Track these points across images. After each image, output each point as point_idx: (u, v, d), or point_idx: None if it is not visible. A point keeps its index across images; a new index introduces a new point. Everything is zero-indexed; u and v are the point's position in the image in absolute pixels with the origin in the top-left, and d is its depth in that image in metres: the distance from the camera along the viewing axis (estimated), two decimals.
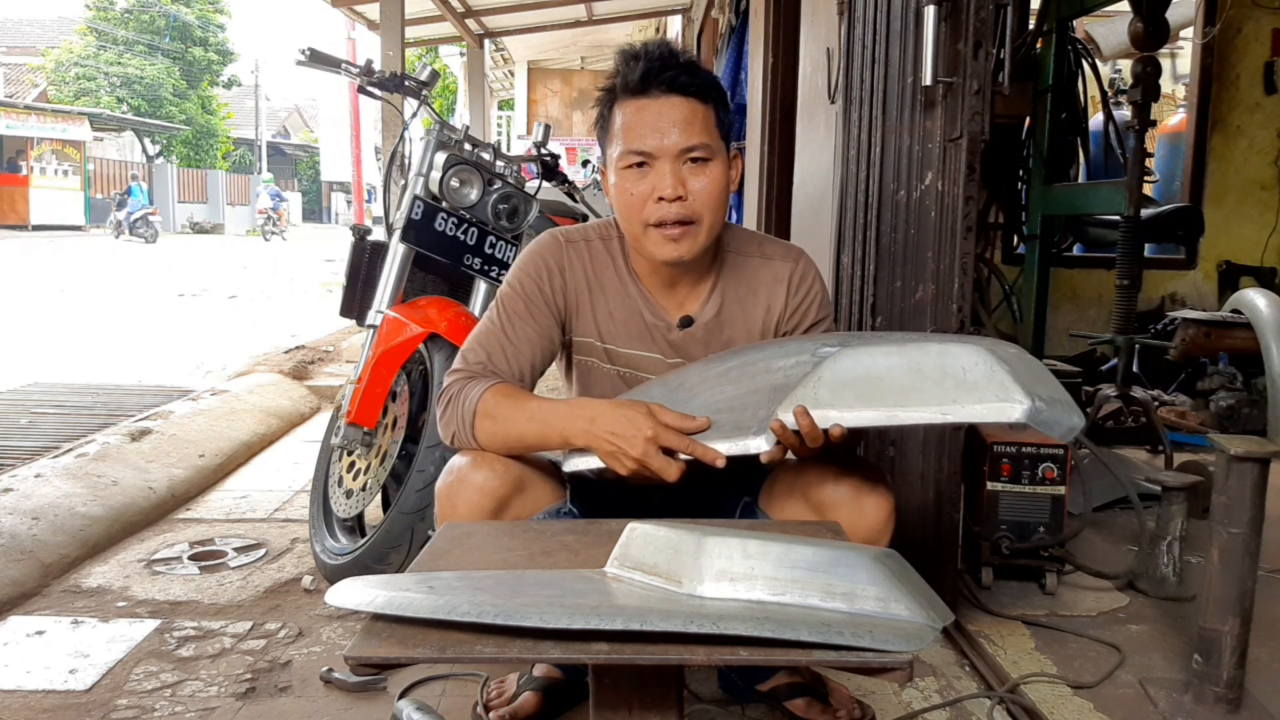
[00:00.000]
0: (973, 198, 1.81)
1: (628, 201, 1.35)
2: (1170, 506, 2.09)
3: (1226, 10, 4.10)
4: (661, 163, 1.32)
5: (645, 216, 1.34)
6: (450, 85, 19.07)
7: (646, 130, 1.32)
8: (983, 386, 1.06)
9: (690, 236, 1.35)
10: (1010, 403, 1.04)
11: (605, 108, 1.39)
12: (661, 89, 1.33)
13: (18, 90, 26.54)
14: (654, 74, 1.32)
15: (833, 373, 1.13)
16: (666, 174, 1.32)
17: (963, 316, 1.83)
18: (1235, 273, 4.29)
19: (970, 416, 1.04)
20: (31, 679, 1.70)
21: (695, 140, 1.33)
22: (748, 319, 1.47)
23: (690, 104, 1.33)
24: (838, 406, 1.08)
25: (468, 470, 1.31)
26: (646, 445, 1.20)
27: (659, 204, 1.33)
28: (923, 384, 1.07)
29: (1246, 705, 1.55)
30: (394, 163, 2.90)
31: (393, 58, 5.81)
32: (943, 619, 0.91)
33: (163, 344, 6.13)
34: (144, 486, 2.74)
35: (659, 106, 1.33)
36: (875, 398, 1.08)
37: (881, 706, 1.60)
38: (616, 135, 1.36)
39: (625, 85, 1.35)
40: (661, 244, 1.35)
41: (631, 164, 1.34)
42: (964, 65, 1.80)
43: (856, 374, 1.12)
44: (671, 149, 1.32)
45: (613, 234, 1.49)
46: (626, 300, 1.46)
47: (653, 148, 1.32)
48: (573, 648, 0.86)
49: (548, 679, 1.55)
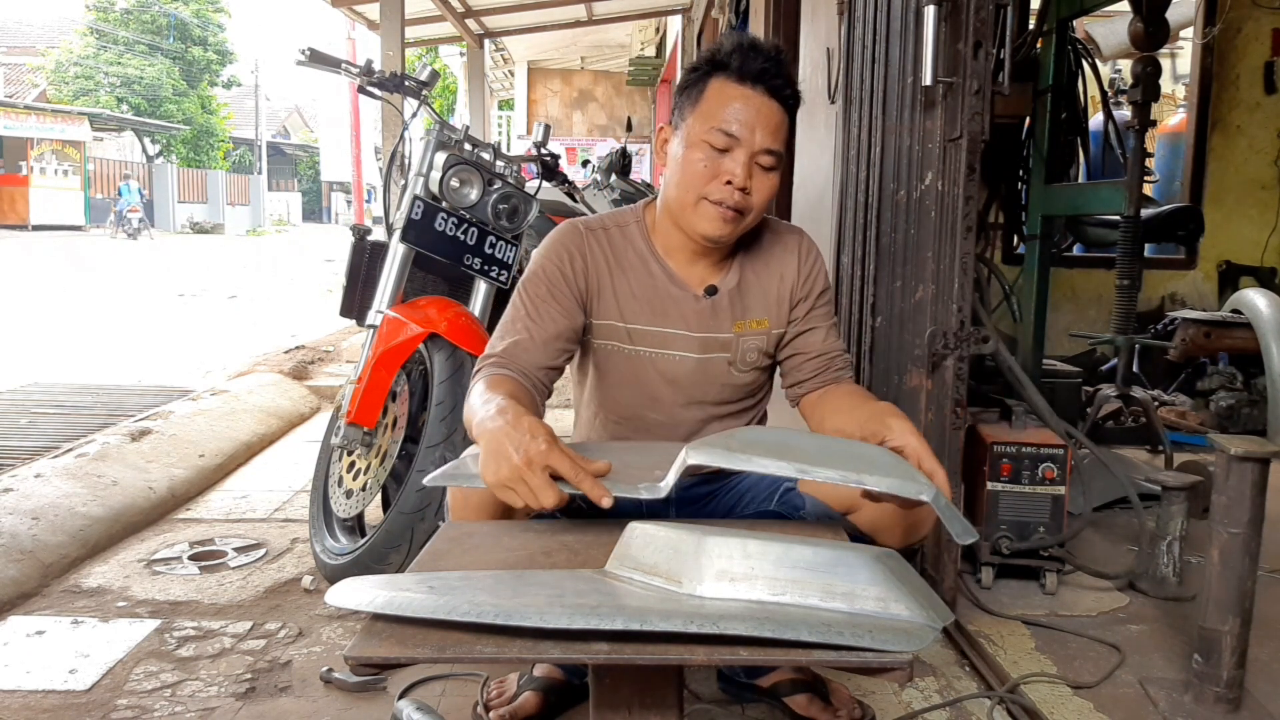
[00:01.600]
0: (973, 198, 1.82)
1: (695, 171, 1.40)
2: (1170, 506, 2.09)
3: (1226, 10, 4.10)
4: (741, 152, 1.39)
5: (706, 191, 1.40)
6: (450, 85, 19.08)
7: (743, 119, 1.38)
8: (892, 470, 1.08)
9: (737, 224, 1.43)
10: (918, 484, 1.06)
11: (701, 76, 1.42)
12: (768, 90, 1.39)
13: (18, 90, 26.54)
14: (769, 74, 1.39)
15: (747, 435, 1.17)
16: (742, 163, 1.39)
17: (962, 316, 1.83)
18: (1235, 273, 4.29)
19: (879, 486, 1.05)
20: (31, 679, 1.70)
21: (776, 146, 1.41)
22: (764, 288, 1.54)
23: (782, 114, 1.41)
24: (750, 453, 1.06)
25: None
26: (535, 457, 1.10)
27: (725, 187, 1.39)
28: (833, 458, 1.09)
29: (1246, 705, 1.55)
30: (394, 163, 2.90)
31: (393, 58, 5.81)
32: (943, 619, 0.91)
33: (163, 344, 6.13)
34: (144, 486, 2.74)
35: (760, 103, 1.39)
36: (787, 456, 1.07)
37: (881, 706, 1.60)
38: (708, 110, 1.40)
39: (737, 69, 1.39)
40: (713, 219, 1.41)
41: (714, 142, 1.39)
42: (964, 65, 1.80)
43: (769, 439, 1.15)
44: (756, 145, 1.39)
45: (629, 220, 1.54)
46: (648, 278, 1.50)
47: (743, 135, 1.38)
48: (573, 648, 0.86)
49: (548, 679, 1.55)
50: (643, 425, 1.54)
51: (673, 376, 1.51)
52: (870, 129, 2.28)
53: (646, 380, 1.52)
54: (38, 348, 5.74)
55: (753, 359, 1.54)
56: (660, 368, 1.50)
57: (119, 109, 28.38)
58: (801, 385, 1.55)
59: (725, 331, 1.51)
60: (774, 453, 1.06)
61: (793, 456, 1.05)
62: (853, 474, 1.04)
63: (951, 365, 1.85)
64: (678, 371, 1.50)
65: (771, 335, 1.54)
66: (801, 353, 1.55)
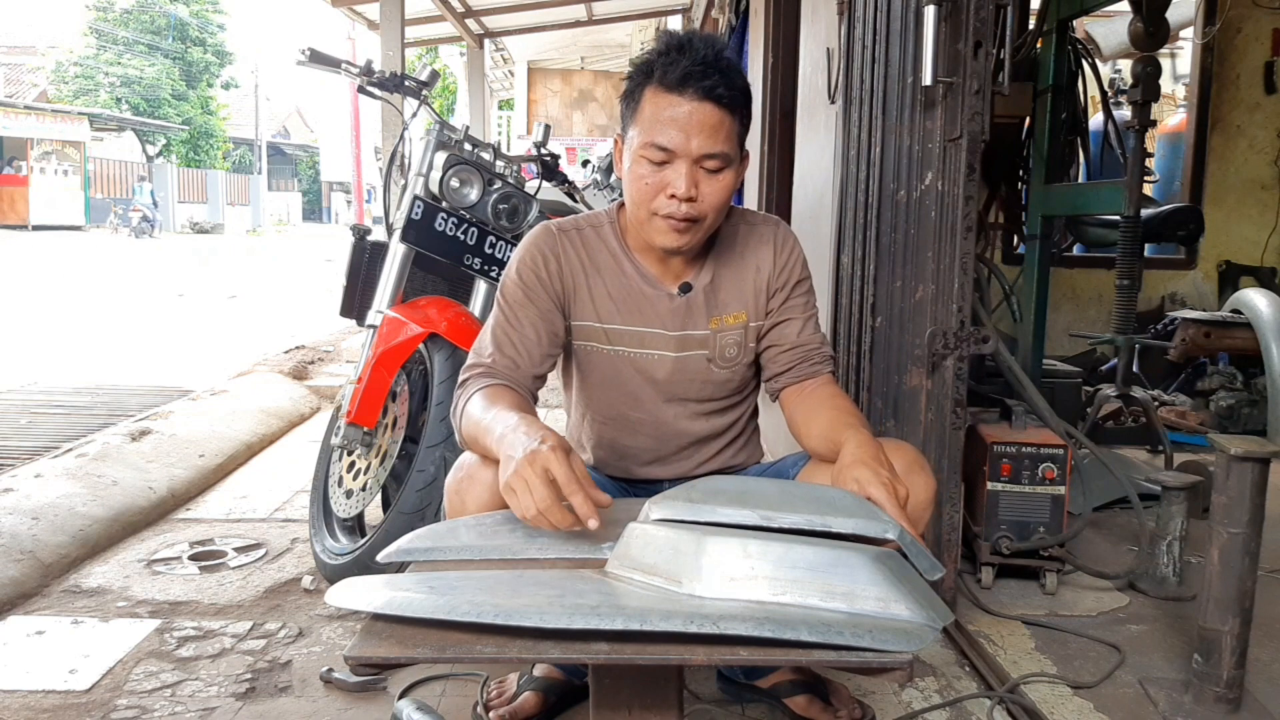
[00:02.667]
0: (973, 198, 1.81)
1: (639, 188, 1.38)
2: (1170, 506, 2.09)
3: (1226, 10, 4.10)
4: (680, 163, 1.34)
5: (654, 207, 1.37)
6: (450, 85, 19.07)
7: (673, 129, 1.33)
8: (855, 512, 1.08)
9: (693, 233, 1.39)
10: (882, 523, 1.06)
11: (636, 86, 1.39)
12: (697, 94, 1.32)
13: (18, 90, 26.54)
14: (694, 78, 1.32)
15: (708, 485, 1.15)
16: (683, 175, 1.34)
17: (963, 316, 1.83)
18: (1235, 273, 4.29)
19: (844, 528, 1.04)
20: (31, 679, 1.70)
21: (717, 149, 1.34)
22: (740, 281, 1.52)
23: (720, 114, 1.34)
24: (712, 503, 1.06)
25: (478, 468, 1.31)
26: (539, 460, 1.08)
27: (670, 200, 1.35)
28: (795, 503, 1.08)
29: (1246, 705, 1.55)
30: (394, 163, 2.90)
31: (393, 58, 5.81)
32: (943, 619, 0.91)
33: (163, 344, 6.13)
34: (144, 486, 2.74)
35: (690, 110, 1.32)
36: (750, 504, 1.06)
37: (881, 706, 1.60)
38: (641, 120, 1.36)
39: (662, 77, 1.34)
40: (666, 233, 1.39)
41: (651, 157, 1.35)
42: (964, 65, 1.80)
43: (730, 488, 1.14)
44: (693, 152, 1.33)
45: (603, 221, 1.53)
46: (622, 278, 1.49)
47: (676, 147, 1.33)
48: (573, 648, 0.86)
49: (548, 679, 1.55)
50: (627, 425, 1.54)
51: (652, 375, 1.50)
52: (870, 129, 2.28)
53: (626, 380, 1.51)
54: (38, 348, 5.74)
55: (732, 354, 1.52)
56: (639, 367, 1.50)
57: (119, 109, 28.38)
58: (778, 379, 1.53)
59: (702, 328, 1.49)
60: (736, 501, 1.06)
61: (755, 504, 1.05)
62: (817, 517, 1.04)
63: (951, 365, 1.85)
64: (656, 370, 1.50)
65: (750, 328, 1.52)
66: (777, 344, 1.53)
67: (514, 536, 1.14)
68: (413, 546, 1.13)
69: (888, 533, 1.04)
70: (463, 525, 1.21)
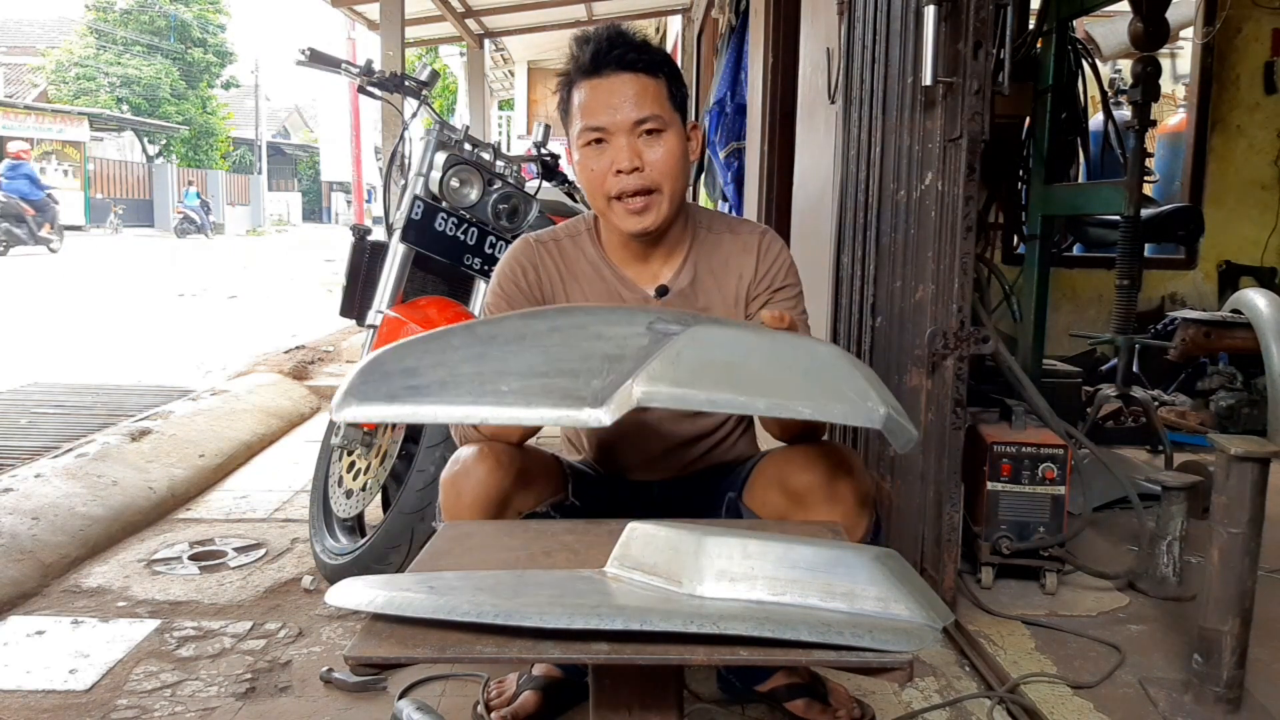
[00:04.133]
0: (973, 198, 1.81)
1: (590, 177, 1.42)
2: (1170, 506, 2.09)
3: (1226, 10, 4.10)
4: (617, 137, 1.39)
5: (607, 190, 1.41)
6: (450, 85, 19.07)
7: (600, 107, 1.39)
8: (841, 388, 1.01)
9: (654, 207, 1.42)
10: (870, 406, 0.99)
11: (565, 91, 1.45)
12: (612, 67, 1.39)
13: (18, 90, 26.54)
14: (603, 54, 1.39)
15: (689, 351, 1.05)
16: (623, 147, 1.39)
17: (963, 316, 1.83)
18: (1235, 273, 4.29)
19: (827, 415, 1.01)
20: (31, 679, 1.70)
21: (646, 112, 1.39)
22: (721, 288, 1.53)
23: (640, 79, 1.39)
24: (694, 386, 1.00)
25: (473, 462, 1.33)
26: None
27: (618, 176, 1.39)
28: (781, 375, 1.03)
29: (1246, 705, 1.55)
30: (394, 163, 2.90)
31: (393, 58, 5.81)
32: (943, 619, 0.91)
33: (163, 344, 6.13)
34: (144, 486, 2.74)
35: (610, 84, 1.39)
36: (731, 382, 1.01)
37: (881, 706, 1.60)
38: (575, 115, 1.42)
39: (579, 67, 1.41)
40: (626, 217, 1.42)
41: (590, 140, 1.40)
42: (964, 65, 1.80)
43: (713, 356, 1.05)
44: (625, 123, 1.38)
45: (580, 229, 1.55)
46: (600, 283, 1.51)
47: (606, 123, 1.39)
48: (573, 648, 0.86)
49: (548, 679, 1.55)
50: (617, 429, 1.54)
51: None
52: (870, 129, 2.28)
53: None
54: (38, 348, 5.74)
55: None
56: None
57: (119, 109, 28.37)
58: None
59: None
60: (719, 380, 1.00)
61: (737, 381, 1.00)
62: (798, 402, 0.99)
63: (951, 365, 1.85)
64: None
65: None
66: None
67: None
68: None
69: (873, 420, 0.98)
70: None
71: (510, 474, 1.34)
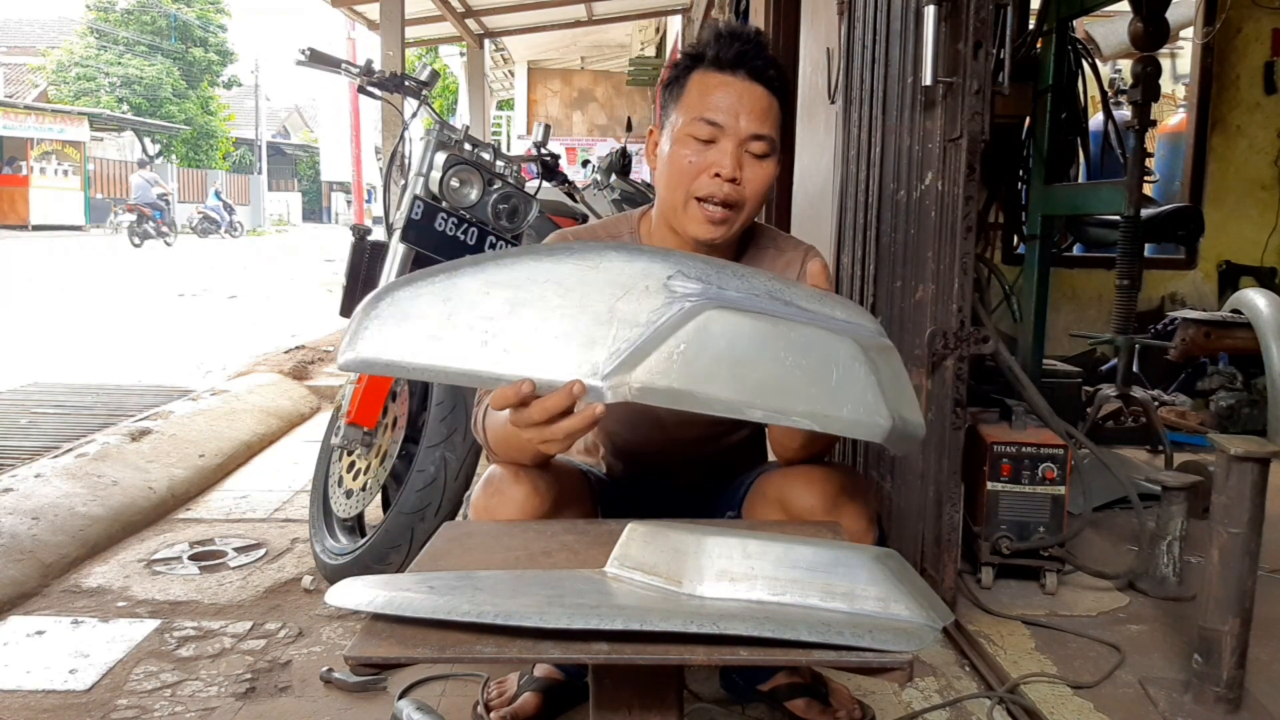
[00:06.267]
0: (973, 198, 1.81)
1: (681, 168, 1.34)
2: (1170, 506, 2.09)
3: (1226, 10, 4.10)
4: (727, 142, 1.33)
5: (694, 189, 1.34)
6: (450, 85, 19.07)
7: (725, 106, 1.32)
8: (852, 396, 0.97)
9: (730, 223, 1.36)
10: (874, 420, 0.95)
11: (682, 73, 1.38)
12: (749, 74, 1.33)
13: (18, 90, 26.53)
14: (748, 56, 1.33)
15: (693, 344, 0.99)
16: (729, 153, 1.32)
17: (963, 316, 1.83)
18: (1235, 273, 4.29)
19: (830, 427, 0.96)
20: (31, 679, 1.70)
21: (765, 130, 1.33)
22: None
23: (769, 97, 1.34)
24: (691, 386, 0.97)
25: (509, 485, 1.29)
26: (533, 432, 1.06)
27: (714, 179, 1.33)
28: (788, 378, 0.98)
29: (1246, 705, 1.55)
30: (394, 163, 2.90)
31: (393, 58, 5.81)
32: (943, 619, 0.91)
33: (163, 344, 6.13)
34: (144, 486, 2.74)
35: (742, 88, 1.33)
36: (732, 384, 0.97)
37: (881, 706, 1.60)
38: (689, 102, 1.35)
39: (715, 58, 1.34)
40: (702, 222, 1.35)
41: (698, 134, 1.33)
42: (964, 65, 1.80)
43: (717, 350, 0.99)
44: (742, 132, 1.32)
45: (623, 229, 1.50)
46: None
47: (726, 123, 1.32)
48: (573, 648, 0.86)
49: (548, 679, 1.55)
50: (639, 439, 1.53)
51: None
52: (870, 129, 2.28)
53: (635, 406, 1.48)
54: (38, 348, 5.74)
55: None
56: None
57: (119, 109, 28.36)
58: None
59: None
60: (720, 380, 0.97)
61: (739, 383, 0.96)
62: (800, 414, 0.95)
63: (951, 365, 1.85)
64: None
65: None
66: None
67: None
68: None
69: (875, 436, 0.95)
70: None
71: (548, 499, 1.30)
